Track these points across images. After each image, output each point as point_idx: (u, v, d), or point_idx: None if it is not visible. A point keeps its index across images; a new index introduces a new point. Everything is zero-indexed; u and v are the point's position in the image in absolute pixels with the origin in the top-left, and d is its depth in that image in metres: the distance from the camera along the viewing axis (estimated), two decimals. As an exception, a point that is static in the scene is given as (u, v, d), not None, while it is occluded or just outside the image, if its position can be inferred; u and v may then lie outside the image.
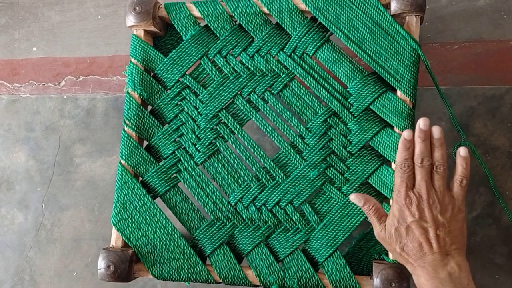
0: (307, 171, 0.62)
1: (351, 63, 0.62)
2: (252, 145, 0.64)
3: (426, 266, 0.49)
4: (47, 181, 0.92)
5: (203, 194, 0.65)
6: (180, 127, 0.66)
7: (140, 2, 0.65)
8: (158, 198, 0.66)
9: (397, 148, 0.58)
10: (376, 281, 0.56)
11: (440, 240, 0.50)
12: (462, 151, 0.52)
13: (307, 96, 0.63)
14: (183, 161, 0.65)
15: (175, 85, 0.67)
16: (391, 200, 0.58)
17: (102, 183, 0.90)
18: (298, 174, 0.62)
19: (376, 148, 0.60)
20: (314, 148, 0.62)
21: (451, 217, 0.51)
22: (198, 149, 0.65)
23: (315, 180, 0.62)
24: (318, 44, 0.63)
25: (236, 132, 0.65)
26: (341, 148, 0.61)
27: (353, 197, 0.56)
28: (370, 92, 0.61)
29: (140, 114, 0.66)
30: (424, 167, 0.52)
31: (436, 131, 0.52)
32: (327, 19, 0.62)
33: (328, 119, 0.62)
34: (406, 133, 0.53)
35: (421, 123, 0.52)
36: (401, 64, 0.60)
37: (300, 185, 0.62)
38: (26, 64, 0.97)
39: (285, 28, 0.64)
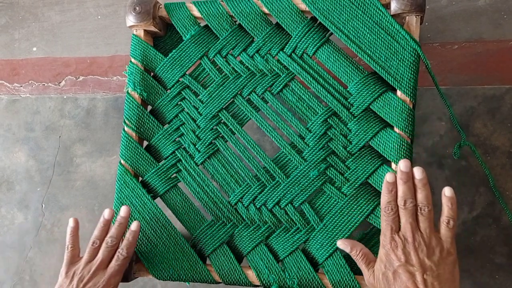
0: (307, 171, 0.62)
1: (351, 63, 0.62)
2: (252, 145, 0.64)
3: None
4: (47, 181, 0.92)
5: (203, 194, 0.65)
6: (180, 127, 0.66)
7: (140, 2, 0.65)
8: (158, 198, 0.66)
9: (397, 148, 0.58)
10: (376, 281, 0.56)
11: (428, 285, 0.48)
12: (447, 191, 0.52)
13: (307, 96, 0.63)
14: (183, 161, 0.65)
15: (175, 85, 0.67)
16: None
17: (102, 183, 0.90)
18: (298, 174, 0.62)
19: (376, 148, 0.60)
20: (314, 148, 0.62)
21: (439, 260, 0.49)
22: (198, 149, 0.65)
23: (315, 180, 0.62)
24: (318, 44, 0.63)
25: (236, 132, 0.65)
26: (341, 148, 0.61)
27: (340, 243, 0.56)
28: (370, 92, 0.61)
29: (140, 114, 0.66)
30: (407, 209, 0.51)
31: (418, 172, 0.52)
32: (327, 19, 0.62)
33: (328, 119, 0.62)
34: (388, 176, 0.53)
35: (402, 165, 0.52)
36: (401, 64, 0.60)
37: (300, 185, 0.62)
38: (26, 64, 0.97)
39: (285, 28, 0.64)
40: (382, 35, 0.60)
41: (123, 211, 0.59)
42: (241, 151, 0.65)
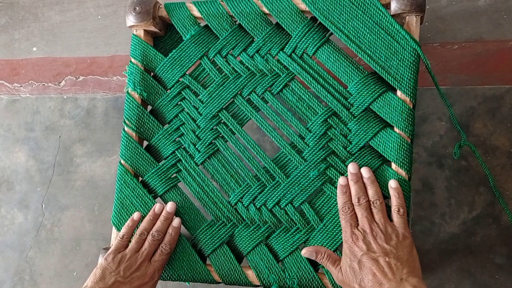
0: (307, 171, 0.62)
1: (351, 63, 0.62)
2: (252, 145, 0.64)
3: None
4: (47, 181, 0.92)
5: (203, 194, 0.65)
6: (180, 127, 0.66)
7: (140, 2, 0.65)
8: (158, 198, 0.66)
9: (397, 148, 0.59)
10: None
11: (392, 266, 0.52)
12: (393, 183, 0.57)
13: (307, 96, 0.63)
14: (183, 161, 0.65)
15: (175, 85, 0.67)
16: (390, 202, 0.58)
17: (102, 183, 0.90)
18: (298, 174, 0.62)
19: (376, 148, 0.60)
20: (314, 148, 0.62)
21: (397, 243, 0.54)
22: (198, 149, 0.65)
23: (315, 180, 0.62)
24: (318, 44, 0.63)
25: (236, 132, 0.65)
26: (341, 148, 0.61)
27: (304, 252, 0.59)
28: (370, 92, 0.61)
29: (140, 114, 0.66)
30: (361, 205, 0.57)
31: (365, 171, 0.59)
32: (327, 19, 0.62)
33: (328, 119, 0.62)
34: (340, 180, 0.59)
35: (350, 167, 0.59)
36: (401, 64, 0.60)
37: (300, 185, 0.62)
38: (26, 64, 0.97)
39: (285, 28, 0.64)
40: (382, 35, 0.60)
41: (170, 207, 0.63)
42: (241, 151, 0.65)
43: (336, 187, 0.61)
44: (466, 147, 0.77)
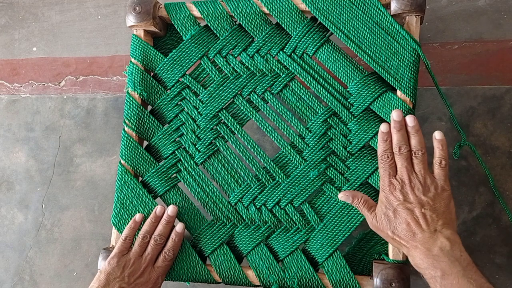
0: (307, 171, 0.62)
1: (351, 63, 0.62)
2: (252, 145, 0.64)
3: (418, 246, 0.51)
4: (47, 181, 0.92)
5: (203, 194, 0.65)
6: (180, 127, 0.66)
7: (140, 2, 0.66)
8: (158, 198, 0.66)
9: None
10: (376, 281, 0.56)
11: (427, 218, 0.52)
12: (437, 134, 0.55)
13: (307, 96, 0.63)
14: (183, 161, 0.65)
15: (175, 85, 0.67)
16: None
17: (102, 183, 0.90)
18: (298, 174, 0.62)
19: (376, 148, 0.60)
20: (314, 148, 0.62)
21: (435, 195, 0.53)
22: (198, 149, 0.65)
23: (315, 180, 0.62)
24: (318, 44, 0.63)
25: (236, 132, 0.65)
26: (341, 148, 0.61)
27: (341, 195, 0.59)
28: (370, 92, 0.61)
29: (140, 114, 0.66)
30: (402, 154, 0.55)
31: (410, 119, 0.56)
32: (327, 19, 0.62)
33: (328, 119, 0.62)
34: (382, 127, 0.57)
35: (394, 114, 0.56)
36: (401, 64, 0.60)
37: (300, 185, 0.62)
38: (26, 64, 0.97)
39: (285, 28, 0.64)
40: (382, 35, 0.60)
41: (171, 210, 0.63)
42: (241, 151, 0.65)
43: (336, 187, 0.61)
44: (466, 147, 0.77)
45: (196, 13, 0.67)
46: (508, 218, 0.73)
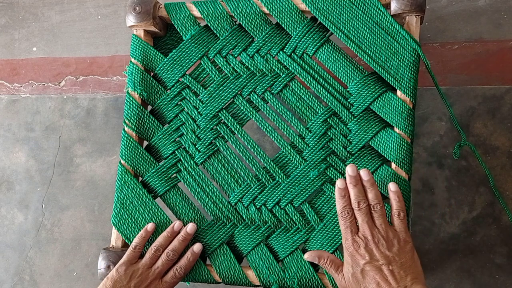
0: (307, 171, 0.62)
1: (351, 63, 0.62)
2: (252, 145, 0.64)
3: None
4: (47, 181, 0.92)
5: (203, 194, 0.65)
6: (180, 127, 0.66)
7: (140, 2, 0.65)
8: (158, 198, 0.66)
9: (397, 148, 0.59)
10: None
11: (395, 275, 0.51)
12: (392, 186, 0.55)
13: (307, 96, 0.63)
14: (183, 161, 0.65)
15: (175, 85, 0.67)
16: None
17: (102, 183, 0.90)
18: (298, 174, 0.62)
19: (376, 148, 0.60)
20: (314, 148, 0.62)
21: (399, 250, 0.52)
22: (198, 149, 0.65)
23: (315, 180, 0.62)
24: (318, 44, 0.63)
25: (236, 132, 0.65)
26: (341, 148, 0.61)
27: (307, 256, 0.59)
28: (370, 92, 0.61)
29: (140, 114, 0.66)
30: (361, 210, 0.54)
31: (364, 173, 0.55)
32: (327, 19, 0.62)
33: (328, 119, 0.62)
34: (338, 183, 0.56)
35: (349, 169, 0.56)
36: (401, 64, 0.60)
37: (300, 185, 0.62)
38: (26, 64, 0.97)
39: (285, 28, 0.64)
40: (382, 35, 0.60)
41: (190, 228, 0.62)
42: (241, 151, 0.65)
43: (336, 187, 0.61)
44: (466, 147, 0.77)
45: (196, 13, 0.67)
46: (508, 218, 0.73)
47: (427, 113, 0.80)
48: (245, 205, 0.63)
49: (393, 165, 0.59)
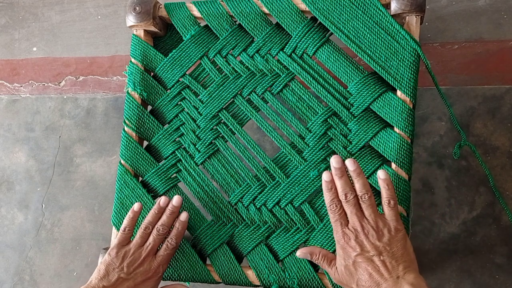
0: (307, 171, 0.62)
1: (351, 63, 0.62)
2: (252, 145, 0.64)
3: None
4: (47, 181, 0.92)
5: (203, 194, 0.65)
6: (180, 127, 0.66)
7: (140, 2, 0.66)
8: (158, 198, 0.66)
9: (397, 148, 0.59)
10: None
11: (387, 265, 0.51)
12: (381, 174, 0.54)
13: (307, 96, 0.63)
14: (183, 161, 0.65)
15: (175, 85, 0.67)
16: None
17: (102, 183, 0.90)
18: (298, 174, 0.62)
19: (376, 148, 0.60)
20: (314, 148, 0.62)
21: (390, 239, 0.52)
22: (198, 149, 0.65)
23: (315, 180, 0.62)
24: (318, 44, 0.63)
25: (236, 132, 0.65)
26: (341, 148, 0.61)
27: (299, 253, 0.58)
28: (370, 92, 0.61)
29: (140, 114, 0.66)
30: (349, 201, 0.54)
31: (349, 163, 0.55)
32: (327, 19, 0.62)
33: (328, 119, 0.62)
34: (324, 175, 0.56)
35: (333, 161, 0.55)
36: (401, 64, 0.60)
37: (300, 185, 0.62)
38: (26, 64, 0.97)
39: (285, 28, 0.64)
40: (382, 35, 0.60)
41: (176, 200, 0.61)
42: (241, 151, 0.65)
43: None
44: (466, 147, 0.77)
45: (196, 13, 0.67)
46: (508, 218, 0.73)
47: (427, 113, 0.80)
48: (245, 205, 0.63)
49: (393, 165, 0.59)
